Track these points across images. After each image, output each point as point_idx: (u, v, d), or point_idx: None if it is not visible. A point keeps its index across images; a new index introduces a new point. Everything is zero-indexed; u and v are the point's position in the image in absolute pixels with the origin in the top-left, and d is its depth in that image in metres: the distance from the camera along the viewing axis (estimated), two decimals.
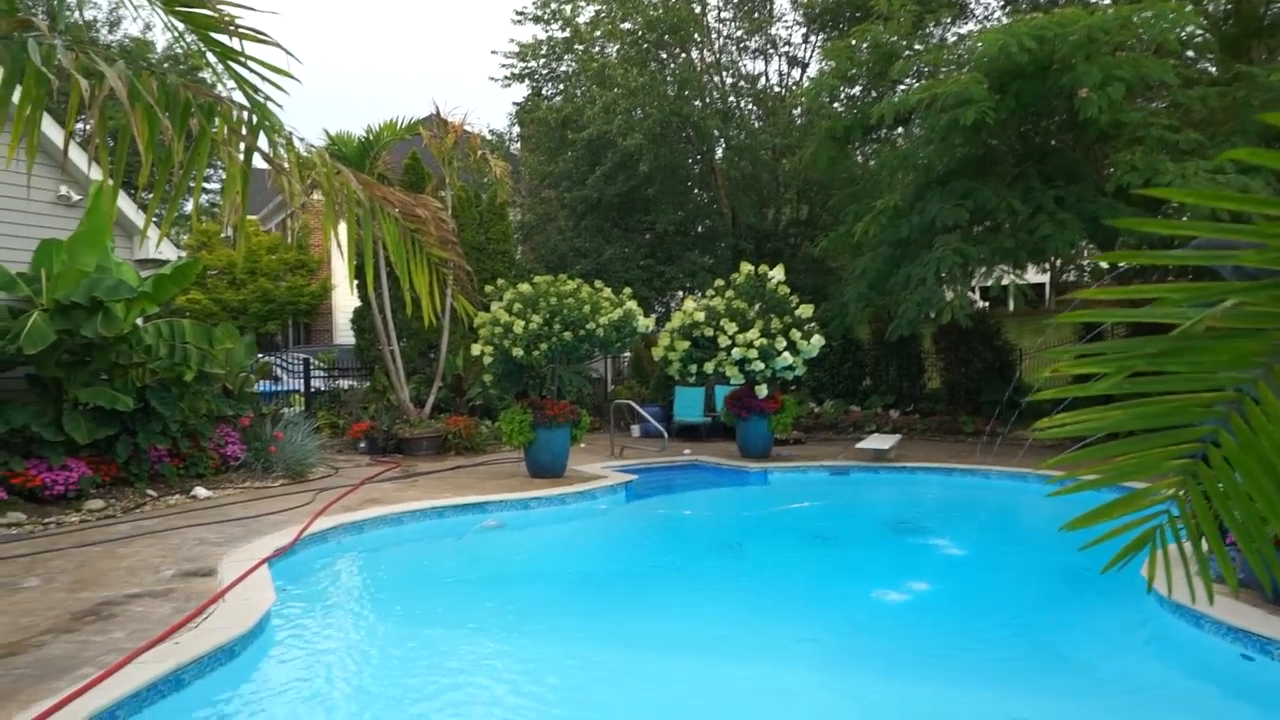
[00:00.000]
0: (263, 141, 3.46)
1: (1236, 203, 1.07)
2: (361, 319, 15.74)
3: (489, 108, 60.85)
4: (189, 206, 29.94)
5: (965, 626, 5.94)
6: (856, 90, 16.69)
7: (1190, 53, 13.20)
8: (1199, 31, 12.67)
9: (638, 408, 13.56)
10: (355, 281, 11.98)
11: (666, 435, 12.46)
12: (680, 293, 19.68)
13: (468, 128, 14.29)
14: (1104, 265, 14.44)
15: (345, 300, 23.98)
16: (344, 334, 23.07)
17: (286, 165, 3.40)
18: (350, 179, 3.63)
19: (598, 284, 10.91)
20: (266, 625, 5.06)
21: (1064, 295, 26.30)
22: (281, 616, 5.48)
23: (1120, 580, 6.81)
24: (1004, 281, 12.90)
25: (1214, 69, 13.21)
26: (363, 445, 13.07)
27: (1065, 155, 13.01)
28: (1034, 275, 24.37)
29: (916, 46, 13.71)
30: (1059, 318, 1.29)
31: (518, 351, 9.84)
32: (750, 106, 20.71)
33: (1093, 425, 1.32)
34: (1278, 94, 10.78)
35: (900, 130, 16.95)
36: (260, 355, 15.37)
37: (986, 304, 23.29)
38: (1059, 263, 19.97)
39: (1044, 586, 7.03)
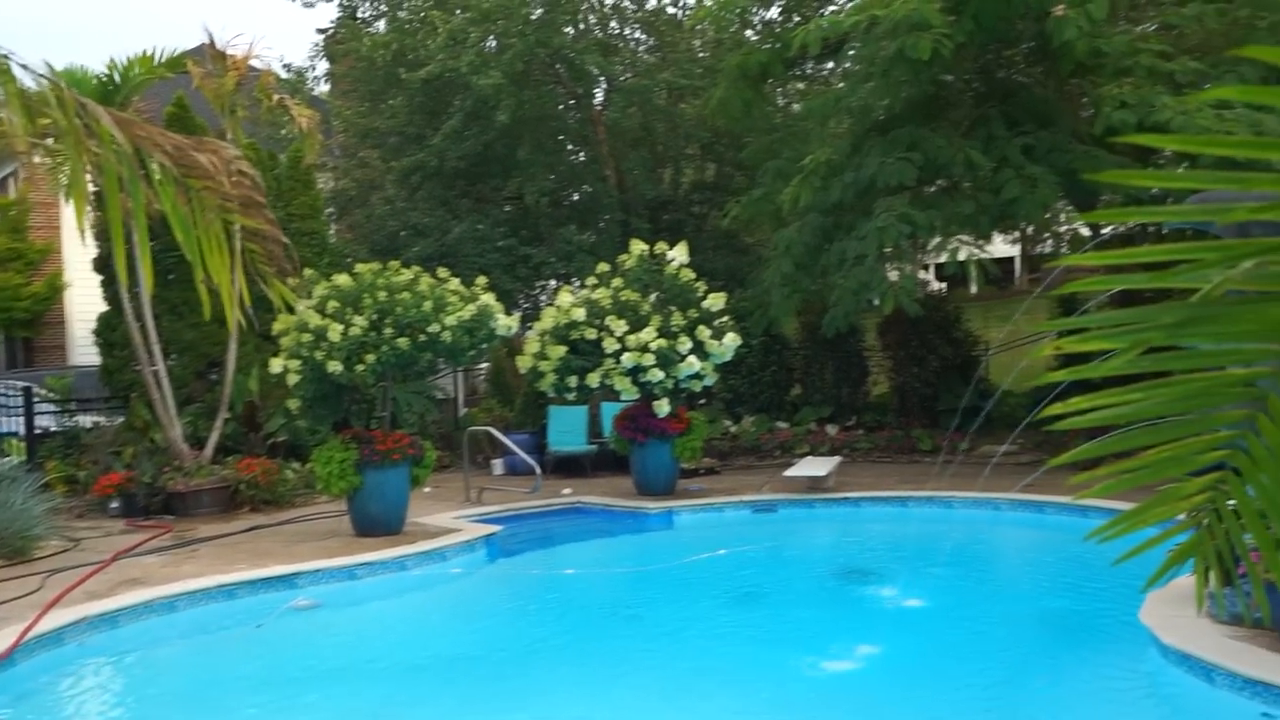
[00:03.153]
0: None
1: (1257, 148, 1.10)
2: (111, 328, 14.97)
3: (286, 36, 59.29)
4: None
5: (932, 696, 6.10)
6: (775, 13, 17.10)
7: None
8: None
9: (500, 436, 13.42)
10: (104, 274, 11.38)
11: (539, 471, 12.37)
12: (553, 282, 19.64)
13: (255, 63, 13.83)
14: (1085, 231, 15.22)
15: (85, 304, 22.77)
16: (84, 351, 21.89)
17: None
18: (102, 115, 3.42)
19: (442, 273, 10.76)
20: None
21: (1036, 272, 27.69)
22: None
23: (1113, 629, 7.17)
24: (962, 256, 13.36)
25: None
26: (115, 505, 12.45)
27: (1034, 93, 13.65)
28: (1001, 247, 25.48)
29: None
30: (1070, 287, 1.30)
31: (334, 366, 9.59)
32: (640, 35, 20.93)
33: (1113, 414, 1.34)
34: None
35: (831, 65, 17.45)
36: None
37: (943, 285, 24.26)
38: (1030, 230, 20.99)
39: (1026, 641, 7.32)
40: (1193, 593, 6.46)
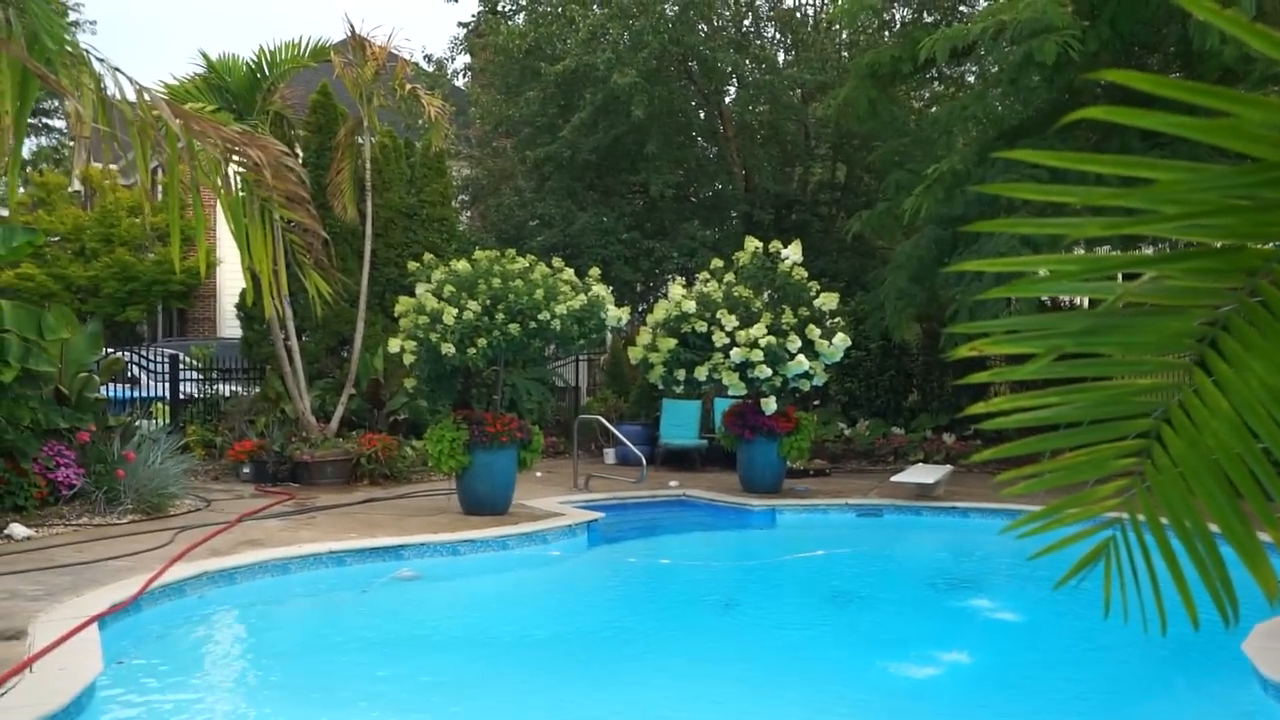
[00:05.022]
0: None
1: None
2: (250, 304, 15.82)
3: (429, 29, 61.08)
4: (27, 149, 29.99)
5: (1016, 712, 6.05)
6: (909, 13, 16.88)
7: None
8: None
9: (610, 426, 13.67)
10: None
11: (645, 462, 12.57)
12: (677, 276, 19.83)
13: (395, 52, 14.42)
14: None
15: (234, 280, 24.04)
16: (232, 324, 23.12)
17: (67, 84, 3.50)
18: (161, 106, 3.73)
19: (557, 262, 11.03)
20: (88, 705, 5.08)
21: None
22: (111, 694, 5.52)
23: (1217, 656, 6.94)
24: None
25: None
26: (247, 471, 13.16)
27: (1175, 102, 13.16)
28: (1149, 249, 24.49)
29: None
30: (993, 293, 1.40)
31: (447, 348, 9.96)
32: (773, 33, 20.90)
33: (1032, 416, 1.43)
34: None
35: (969, 67, 17.12)
36: (111, 350, 15.44)
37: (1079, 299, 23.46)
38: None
39: (1123, 664, 7.15)
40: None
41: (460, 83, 22.91)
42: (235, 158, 4.02)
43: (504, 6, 20.60)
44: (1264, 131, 0.95)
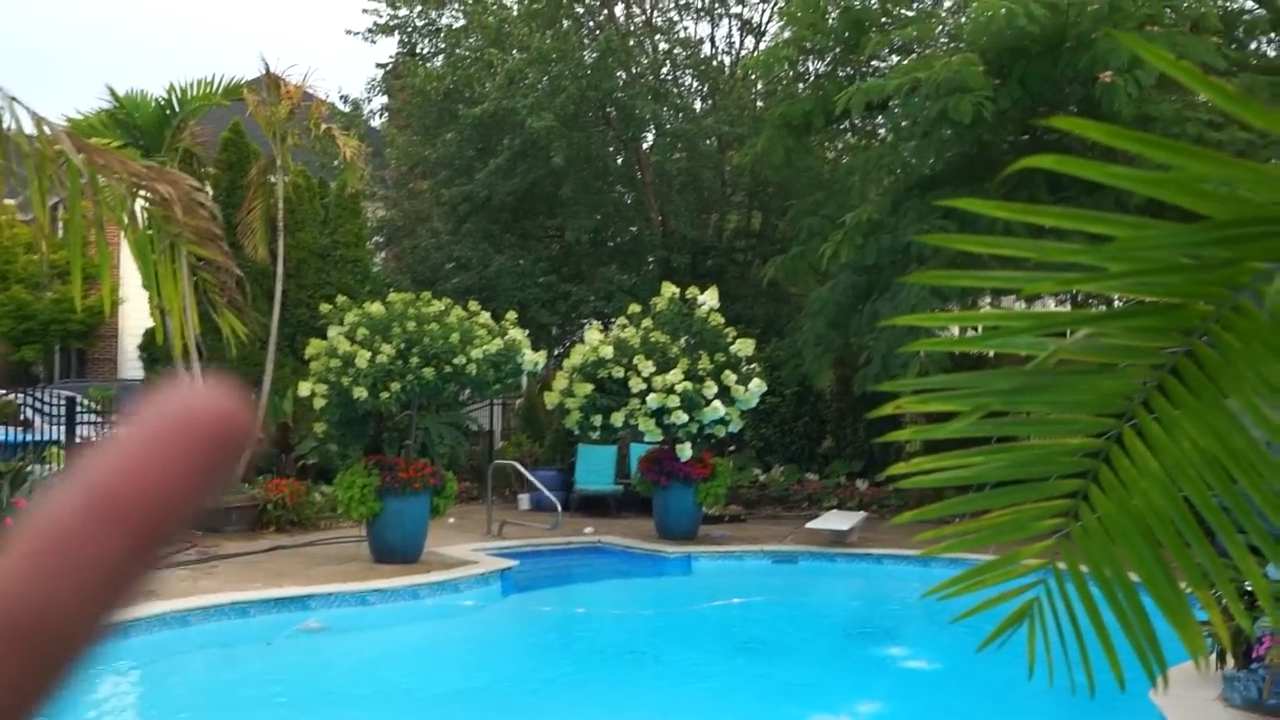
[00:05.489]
0: None
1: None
2: (154, 345, 15.36)
3: (346, 69, 60.67)
4: None
5: None
6: (822, 67, 17.24)
7: (1240, 31, 14.01)
8: (1251, 4, 13.49)
9: (524, 471, 13.52)
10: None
11: (560, 508, 12.44)
12: (595, 320, 19.82)
13: (310, 91, 14.23)
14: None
15: (137, 319, 23.35)
16: (133, 365, 22.42)
17: None
18: (63, 139, 3.60)
19: (473, 305, 10.93)
20: None
21: None
22: None
23: (1124, 704, 7.04)
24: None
25: (1271, 51, 14.05)
26: None
27: (1081, 156, 13.65)
28: (1051, 306, 25.29)
29: (902, 11, 14.25)
30: (913, 345, 1.38)
31: (360, 392, 9.77)
32: (691, 82, 21.19)
33: (955, 475, 1.40)
34: None
35: (880, 119, 17.55)
36: (2, 391, 14.84)
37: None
38: (1079, 295, 20.83)
39: (1032, 710, 7.21)
40: (1207, 674, 6.37)
41: (377, 123, 22.73)
42: (143, 193, 3.89)
43: (422, 49, 20.57)
44: (1211, 188, 0.94)
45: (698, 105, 20.73)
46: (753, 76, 19.74)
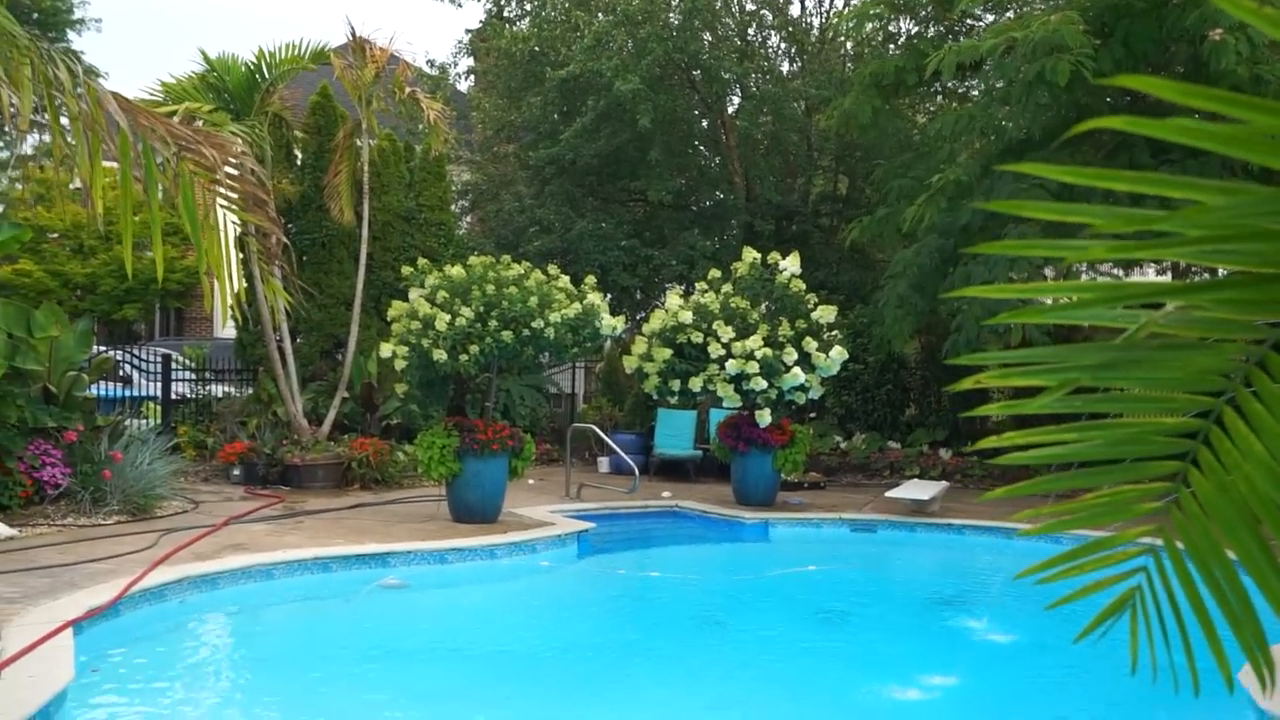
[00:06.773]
0: None
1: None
2: (245, 305, 15.68)
3: (433, 34, 61.02)
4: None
5: None
6: (914, 25, 16.76)
7: None
8: None
9: (604, 435, 13.52)
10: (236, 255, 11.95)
11: (638, 472, 12.41)
12: (675, 285, 19.71)
13: (396, 55, 14.28)
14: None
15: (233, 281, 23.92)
16: (229, 324, 23.00)
17: None
18: (108, 100, 3.58)
19: (553, 269, 10.89)
20: (56, 715, 4.94)
21: None
22: (83, 701, 5.38)
23: (1213, 685, 6.78)
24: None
25: None
26: (237, 473, 13.01)
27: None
28: (1151, 275, 24.45)
29: None
30: (1001, 318, 1.25)
31: (439, 355, 9.81)
32: (778, 43, 20.78)
33: (1049, 453, 1.28)
34: None
35: (973, 81, 17.00)
36: (103, 348, 15.30)
37: None
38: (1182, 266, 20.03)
39: (1117, 687, 6.99)
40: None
41: (463, 86, 22.79)
42: (189, 155, 3.88)
43: (510, 11, 20.51)
44: None
45: (785, 68, 20.33)
46: (841, 38, 19.30)
